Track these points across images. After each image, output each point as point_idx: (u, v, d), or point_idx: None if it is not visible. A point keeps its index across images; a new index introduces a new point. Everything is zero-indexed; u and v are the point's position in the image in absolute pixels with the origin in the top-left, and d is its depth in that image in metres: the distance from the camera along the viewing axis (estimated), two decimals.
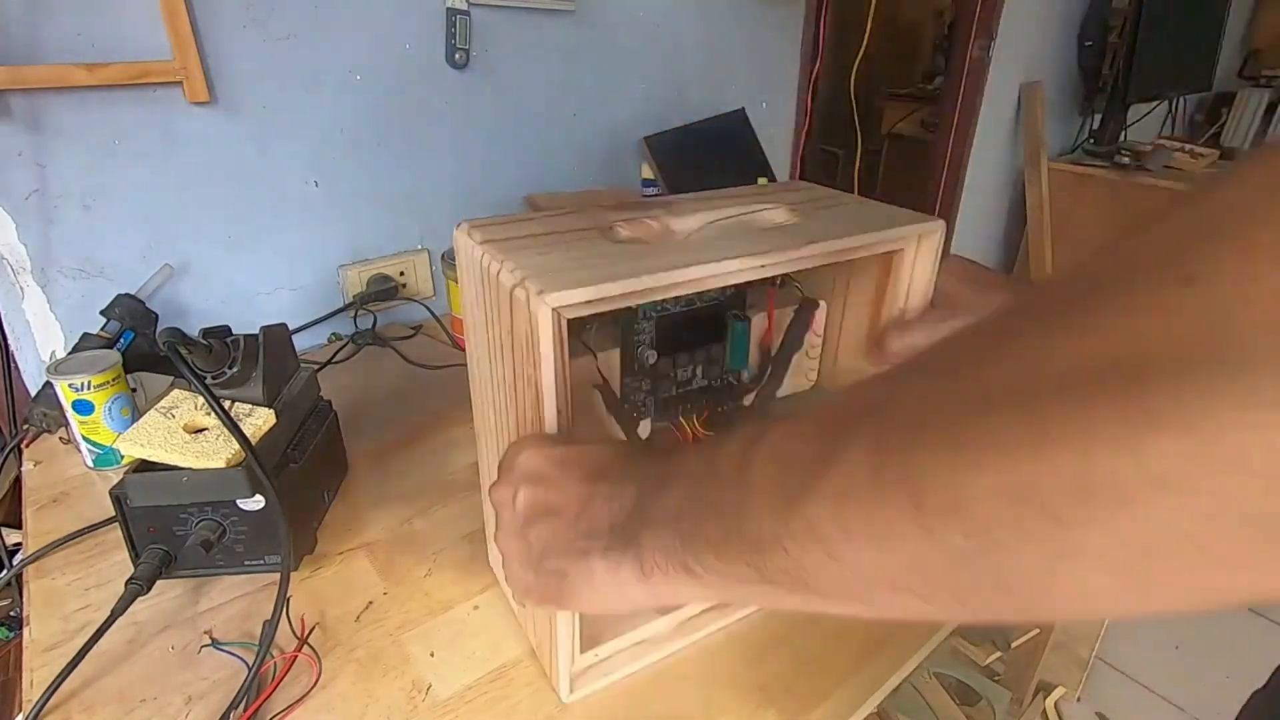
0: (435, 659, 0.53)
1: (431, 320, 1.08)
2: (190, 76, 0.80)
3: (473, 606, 0.58)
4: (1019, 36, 2.06)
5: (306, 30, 0.88)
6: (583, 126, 1.20)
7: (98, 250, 0.83)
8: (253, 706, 0.48)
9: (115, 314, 0.79)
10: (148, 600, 0.56)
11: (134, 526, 0.56)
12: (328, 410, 0.70)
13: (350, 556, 0.63)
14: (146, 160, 0.83)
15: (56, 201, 0.79)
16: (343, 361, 0.97)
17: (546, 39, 1.10)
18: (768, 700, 0.50)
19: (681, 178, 1.18)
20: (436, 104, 1.02)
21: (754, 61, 1.41)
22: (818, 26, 1.47)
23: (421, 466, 0.74)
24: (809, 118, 1.54)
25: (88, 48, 0.76)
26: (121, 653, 0.53)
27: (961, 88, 2.08)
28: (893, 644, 0.55)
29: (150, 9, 0.77)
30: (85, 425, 0.70)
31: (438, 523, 0.67)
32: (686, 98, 1.32)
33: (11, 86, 0.72)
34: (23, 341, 0.82)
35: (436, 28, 0.98)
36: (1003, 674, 1.32)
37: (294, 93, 0.90)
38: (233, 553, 0.58)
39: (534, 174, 1.17)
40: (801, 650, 0.54)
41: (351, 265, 1.03)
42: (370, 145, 0.99)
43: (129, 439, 0.56)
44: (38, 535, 0.64)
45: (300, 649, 0.53)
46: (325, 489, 0.68)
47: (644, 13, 1.19)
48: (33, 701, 0.48)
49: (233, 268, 0.93)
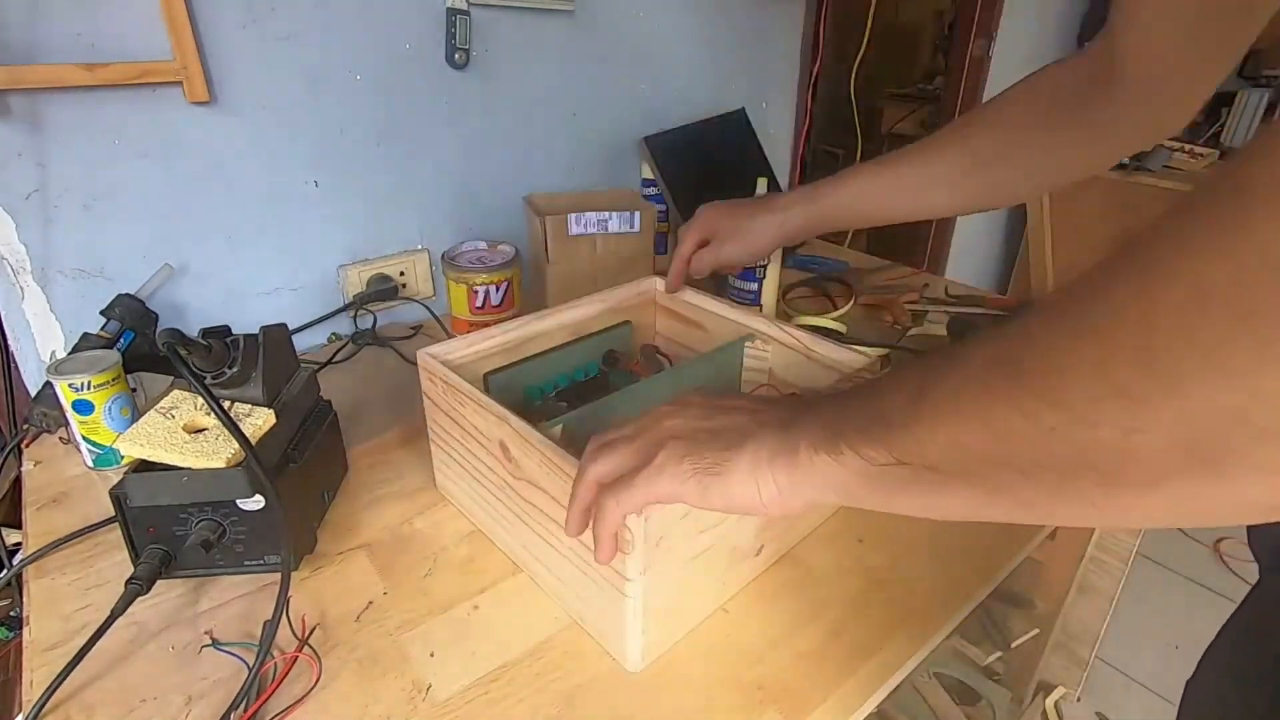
0: (435, 659, 0.53)
1: (431, 320, 1.08)
2: (190, 76, 0.80)
3: (473, 606, 0.58)
4: (1019, 36, 2.06)
5: (306, 30, 0.88)
6: (582, 126, 1.20)
7: (98, 250, 0.83)
8: (253, 707, 0.48)
9: (115, 314, 0.79)
10: (148, 600, 0.56)
11: (134, 526, 0.56)
12: (328, 410, 0.70)
13: (350, 556, 0.63)
14: (146, 160, 0.83)
15: (56, 201, 0.79)
16: (343, 361, 0.97)
17: (546, 39, 1.10)
18: (768, 700, 0.50)
19: (681, 178, 1.18)
20: (436, 104, 1.02)
21: (754, 61, 1.41)
22: (818, 26, 1.47)
23: (422, 466, 0.74)
24: (809, 118, 1.54)
25: (88, 48, 0.76)
26: (121, 653, 0.53)
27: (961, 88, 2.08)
28: (893, 644, 0.55)
29: (150, 9, 0.77)
30: (85, 425, 0.70)
31: (438, 523, 0.67)
32: (686, 98, 1.32)
33: (11, 86, 0.72)
34: (23, 341, 0.82)
35: (436, 28, 0.98)
36: (1003, 674, 1.32)
37: (294, 93, 0.90)
38: (233, 553, 0.58)
39: (534, 174, 1.17)
40: (801, 650, 0.54)
41: (351, 265, 1.03)
42: (370, 145, 0.99)
43: (129, 439, 0.56)
44: (38, 535, 0.64)
45: (301, 649, 0.53)
46: (325, 489, 0.68)
47: (644, 13, 1.19)
48: (33, 701, 0.48)
49: (233, 268, 0.93)
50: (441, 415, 0.63)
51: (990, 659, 1.29)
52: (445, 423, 0.63)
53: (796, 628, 0.56)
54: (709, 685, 0.51)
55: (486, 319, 0.94)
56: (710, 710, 0.50)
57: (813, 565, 0.62)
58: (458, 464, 0.64)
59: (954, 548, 0.64)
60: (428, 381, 0.63)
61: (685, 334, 0.80)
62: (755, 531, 0.57)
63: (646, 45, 1.22)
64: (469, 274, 0.92)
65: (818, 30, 1.48)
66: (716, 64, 1.35)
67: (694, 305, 0.78)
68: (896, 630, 0.56)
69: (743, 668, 0.53)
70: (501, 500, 0.59)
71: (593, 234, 1.01)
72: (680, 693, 0.51)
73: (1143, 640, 1.52)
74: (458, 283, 0.93)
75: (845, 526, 0.66)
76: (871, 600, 0.59)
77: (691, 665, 0.53)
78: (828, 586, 0.60)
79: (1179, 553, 1.75)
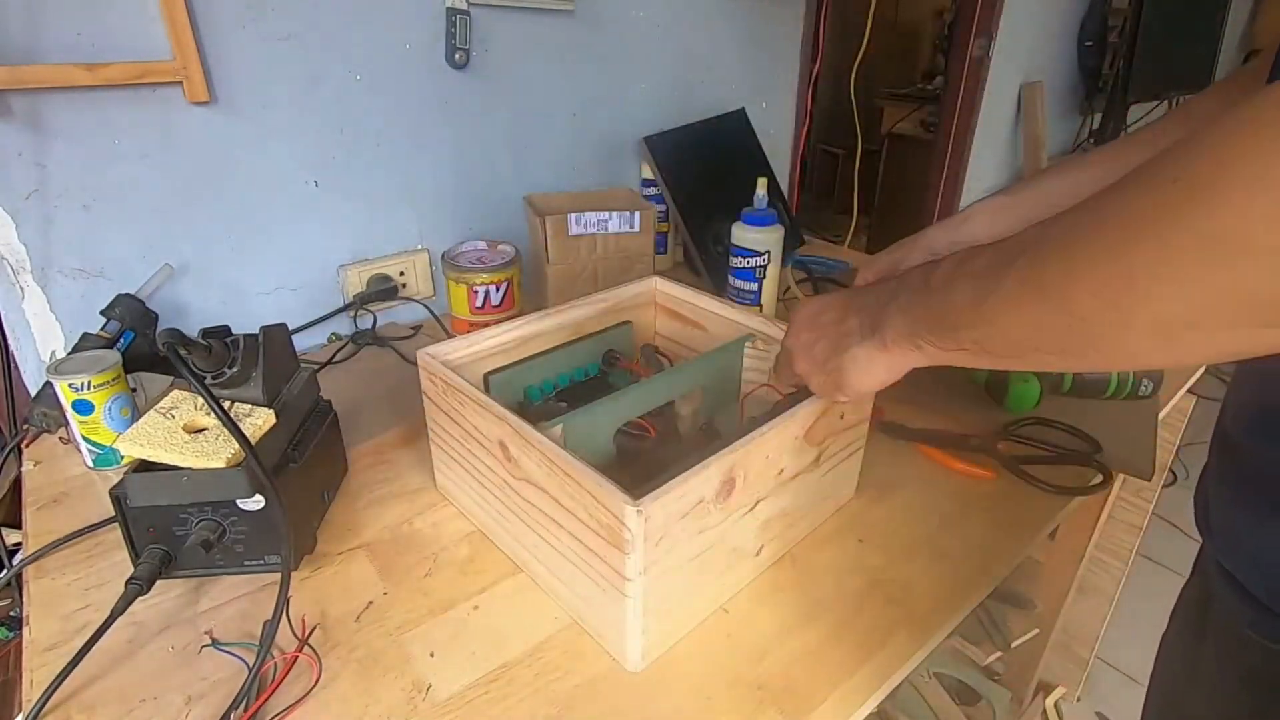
0: (435, 659, 0.53)
1: (431, 320, 1.08)
2: (190, 76, 0.80)
3: (473, 606, 0.58)
4: (1019, 36, 2.06)
5: (306, 30, 0.88)
6: (582, 126, 1.20)
7: (98, 250, 0.83)
8: (253, 707, 0.48)
9: (115, 314, 0.79)
10: (148, 600, 0.56)
11: (134, 526, 0.56)
12: (327, 410, 0.70)
13: (350, 556, 0.63)
14: (146, 160, 0.83)
15: (56, 201, 0.79)
16: (342, 361, 0.97)
17: (546, 39, 1.10)
18: (768, 700, 0.50)
19: (681, 178, 1.17)
20: (436, 104, 1.02)
21: (754, 61, 1.41)
22: (818, 26, 1.47)
23: (422, 466, 0.74)
24: (809, 118, 1.54)
25: (88, 48, 0.76)
26: (121, 653, 0.53)
27: (961, 88, 2.08)
28: (893, 644, 0.55)
29: (150, 9, 0.77)
30: (85, 425, 0.70)
31: (438, 523, 0.67)
32: (686, 98, 1.32)
33: (11, 86, 0.72)
34: (23, 341, 0.82)
35: (436, 28, 0.98)
36: (1003, 674, 1.32)
37: (294, 93, 0.90)
38: (233, 553, 0.58)
39: (534, 174, 1.17)
40: (801, 650, 0.54)
41: (351, 265, 1.03)
42: (370, 145, 0.99)
43: (129, 439, 0.56)
44: (38, 535, 0.64)
45: (301, 649, 0.53)
46: (325, 489, 0.68)
47: (644, 13, 1.19)
48: (33, 701, 0.48)
49: (232, 267, 0.93)
50: (441, 415, 0.63)
51: (990, 659, 1.29)
52: (445, 423, 0.63)
53: (796, 628, 0.56)
54: (709, 685, 0.51)
55: (486, 319, 0.94)
56: (710, 710, 0.50)
57: (813, 565, 0.62)
58: (458, 464, 0.64)
59: (954, 548, 0.64)
60: (428, 381, 0.63)
61: (685, 334, 0.80)
62: (755, 531, 0.57)
63: (646, 45, 1.22)
64: (469, 274, 0.92)
65: (818, 30, 1.48)
66: (716, 64, 1.35)
67: (694, 305, 0.78)
68: (896, 630, 0.56)
69: (743, 668, 0.53)
70: (501, 500, 0.59)
71: (593, 234, 1.01)
72: (680, 693, 0.51)
73: (1143, 640, 1.52)
74: (458, 283, 0.93)
75: (845, 526, 0.66)
76: (871, 600, 0.59)
77: (691, 665, 0.53)
78: (828, 586, 0.60)
79: (1179, 553, 1.75)
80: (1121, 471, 0.75)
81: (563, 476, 0.49)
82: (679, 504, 0.47)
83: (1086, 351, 0.31)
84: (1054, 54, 2.25)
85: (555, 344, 0.73)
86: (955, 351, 0.38)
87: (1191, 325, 0.26)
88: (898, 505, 0.69)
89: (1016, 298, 0.32)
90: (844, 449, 0.64)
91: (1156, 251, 0.26)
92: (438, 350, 0.64)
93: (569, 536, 0.51)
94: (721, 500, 0.50)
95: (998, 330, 0.34)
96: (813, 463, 0.60)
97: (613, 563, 0.47)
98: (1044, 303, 0.31)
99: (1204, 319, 0.26)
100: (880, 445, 0.76)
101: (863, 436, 0.66)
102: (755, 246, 0.98)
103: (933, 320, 0.39)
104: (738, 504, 0.53)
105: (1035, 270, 0.31)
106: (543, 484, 0.52)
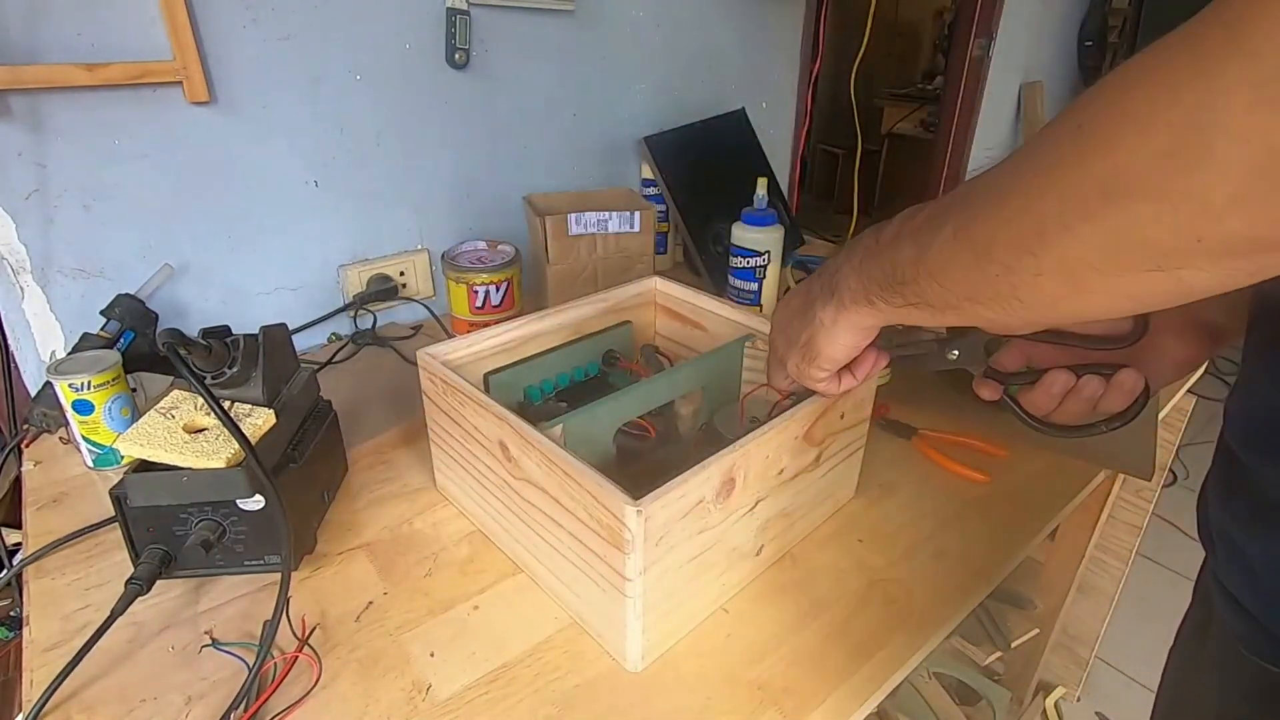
0: (435, 659, 0.53)
1: (431, 320, 1.08)
2: (190, 76, 0.80)
3: (473, 606, 0.58)
4: (1019, 36, 2.06)
5: (306, 30, 0.88)
6: (582, 126, 1.20)
7: (98, 250, 0.83)
8: (253, 707, 0.48)
9: (115, 314, 0.79)
10: (148, 600, 0.56)
11: (134, 526, 0.56)
12: (327, 410, 0.70)
13: (350, 556, 0.63)
14: (146, 160, 0.83)
15: (56, 201, 0.79)
16: (342, 361, 0.97)
17: (546, 39, 1.10)
18: (768, 700, 0.50)
19: (681, 178, 1.17)
20: (436, 104, 1.02)
21: (754, 61, 1.41)
22: (818, 26, 1.47)
23: (422, 466, 0.74)
24: (809, 118, 1.54)
25: (88, 48, 0.76)
26: (121, 653, 0.53)
27: (961, 88, 2.08)
28: (892, 644, 0.55)
29: (150, 9, 0.77)
30: (85, 425, 0.70)
31: (438, 523, 0.67)
32: (686, 98, 1.32)
33: (11, 86, 0.72)
34: (23, 341, 0.82)
35: (436, 28, 0.98)
36: (1003, 674, 1.32)
37: (294, 93, 0.90)
38: (233, 553, 0.58)
39: (533, 174, 1.17)
40: (801, 650, 0.54)
41: (351, 265, 1.03)
42: (370, 145, 0.99)
43: (129, 439, 0.56)
44: (38, 535, 0.64)
45: (301, 649, 0.53)
46: (325, 489, 0.68)
47: (643, 13, 1.19)
48: (33, 701, 0.48)
49: (233, 267, 0.93)
50: (441, 415, 0.63)
51: (990, 659, 1.29)
52: (445, 423, 0.63)
53: (796, 628, 0.56)
54: (709, 685, 0.51)
55: (486, 319, 0.94)
56: (710, 710, 0.50)
57: (813, 565, 0.62)
58: (458, 464, 0.64)
59: (953, 548, 0.64)
60: (428, 381, 0.63)
61: (685, 334, 0.80)
62: (755, 531, 0.57)
63: (646, 45, 1.22)
64: (469, 274, 0.92)
65: (818, 30, 1.48)
66: (716, 64, 1.35)
67: (694, 305, 0.78)
68: (896, 630, 0.56)
69: (743, 668, 0.53)
70: (501, 500, 0.59)
71: (593, 234, 1.01)
72: (680, 693, 0.51)
73: (1143, 640, 1.52)
74: (458, 283, 0.93)
75: (845, 526, 0.66)
76: (871, 600, 0.59)
77: (691, 665, 0.53)
78: (828, 586, 0.60)
79: (1179, 553, 1.75)
80: (1121, 471, 0.75)
81: (563, 476, 0.49)
82: (679, 504, 0.47)
83: (1011, 301, 0.32)
84: (1054, 54, 2.25)
85: (555, 344, 0.73)
86: (904, 308, 0.40)
87: (1094, 269, 0.27)
88: (897, 505, 0.69)
89: (951, 251, 0.34)
90: (844, 449, 0.64)
91: (1061, 196, 0.27)
92: (438, 350, 0.64)
93: (569, 536, 0.51)
94: (721, 500, 0.51)
95: (936, 282, 0.36)
96: (812, 463, 0.60)
97: (613, 563, 0.47)
98: (972, 253, 0.33)
99: (1105, 262, 0.27)
100: (880, 445, 0.76)
101: (863, 436, 0.66)
102: (755, 246, 0.98)
103: (883, 277, 0.40)
104: (737, 504, 0.53)
105: (965, 223, 0.33)
106: (543, 484, 0.52)
